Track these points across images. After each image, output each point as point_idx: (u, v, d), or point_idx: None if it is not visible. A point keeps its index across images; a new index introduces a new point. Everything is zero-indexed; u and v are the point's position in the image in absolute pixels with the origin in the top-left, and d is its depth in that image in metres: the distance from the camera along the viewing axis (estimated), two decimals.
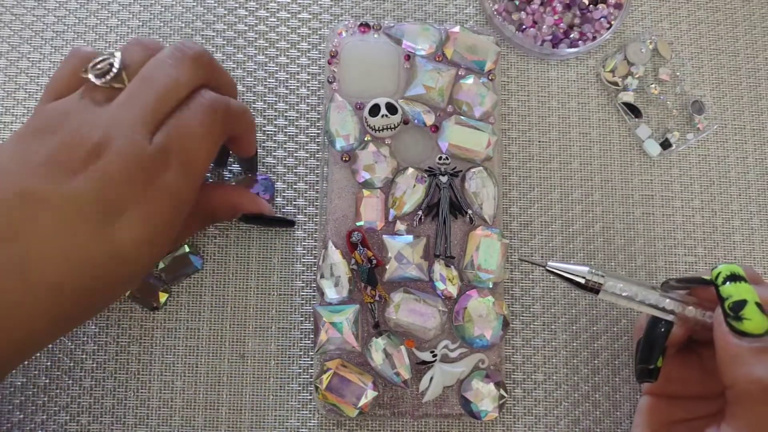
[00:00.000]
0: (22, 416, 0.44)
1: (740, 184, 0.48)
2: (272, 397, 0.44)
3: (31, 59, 0.48)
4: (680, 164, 0.48)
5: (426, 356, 0.43)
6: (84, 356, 0.45)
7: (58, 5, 0.48)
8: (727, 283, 0.35)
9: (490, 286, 0.44)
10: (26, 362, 0.44)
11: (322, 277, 0.43)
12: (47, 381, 0.44)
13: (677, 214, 0.48)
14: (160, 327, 0.45)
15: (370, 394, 0.42)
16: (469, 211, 0.44)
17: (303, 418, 0.44)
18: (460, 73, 0.46)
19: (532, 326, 0.46)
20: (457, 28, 0.46)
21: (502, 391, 0.43)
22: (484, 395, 0.43)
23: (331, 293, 0.43)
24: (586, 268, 0.38)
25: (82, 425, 0.44)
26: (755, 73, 0.49)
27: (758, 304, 0.34)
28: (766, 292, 0.36)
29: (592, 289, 0.38)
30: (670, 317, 0.38)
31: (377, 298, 0.43)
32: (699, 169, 0.48)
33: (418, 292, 0.44)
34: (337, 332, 0.42)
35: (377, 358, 0.42)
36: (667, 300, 0.38)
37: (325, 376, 0.42)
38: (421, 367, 0.43)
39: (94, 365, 0.45)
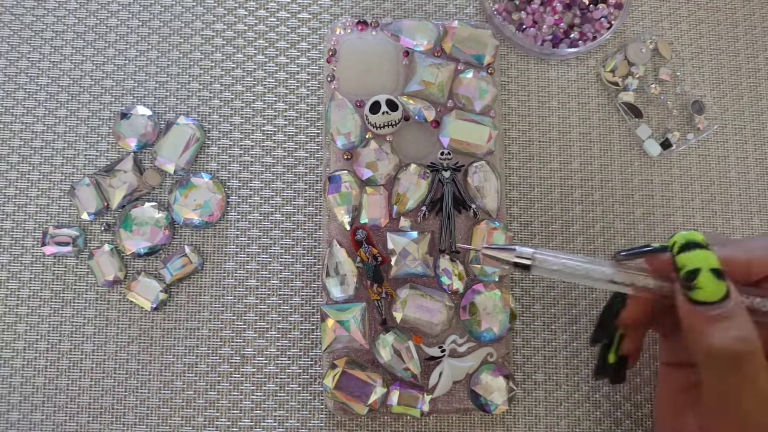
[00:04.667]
0: (19, 416, 0.44)
1: (740, 184, 0.48)
2: (272, 398, 0.44)
3: (31, 59, 0.48)
4: (680, 164, 0.48)
5: (434, 352, 0.43)
6: (82, 356, 0.44)
7: (58, 5, 0.48)
8: (682, 252, 0.35)
9: (496, 280, 0.44)
10: (23, 362, 0.44)
11: (327, 275, 0.43)
12: (45, 381, 0.44)
13: (677, 214, 0.47)
14: (159, 327, 0.45)
15: (379, 392, 0.42)
16: (473, 206, 0.44)
17: (303, 418, 0.44)
18: (459, 67, 0.46)
19: (532, 326, 0.46)
20: (455, 23, 0.46)
21: (512, 384, 0.43)
22: (494, 388, 0.42)
23: (337, 292, 0.43)
24: (515, 248, 0.37)
25: (80, 425, 0.44)
26: (755, 73, 0.49)
27: (714, 270, 0.34)
28: (731, 251, 0.36)
29: (524, 266, 0.37)
30: (624, 290, 0.37)
31: (384, 295, 0.43)
32: (699, 169, 0.48)
33: (425, 288, 0.43)
34: (344, 330, 0.42)
35: (385, 354, 0.42)
36: (614, 271, 0.37)
37: (334, 375, 0.42)
38: (429, 363, 0.43)
39: (93, 365, 0.44)
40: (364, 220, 0.44)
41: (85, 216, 0.45)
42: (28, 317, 0.45)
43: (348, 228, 0.44)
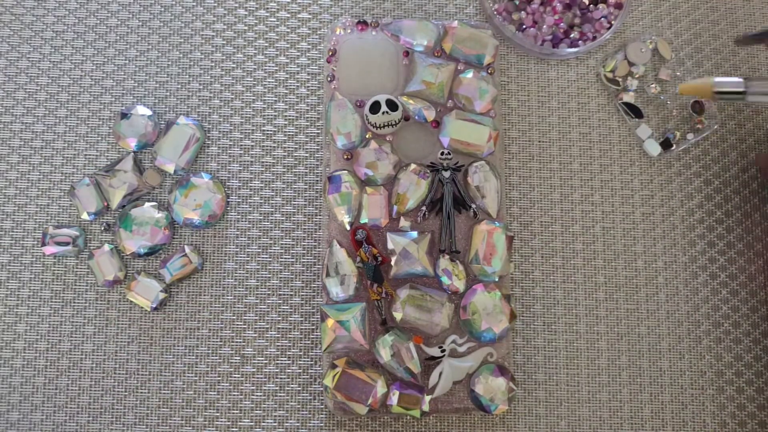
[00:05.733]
0: (19, 416, 0.44)
1: (739, 183, 0.48)
2: (272, 398, 0.44)
3: (31, 59, 0.48)
4: (680, 164, 0.48)
5: (434, 352, 0.43)
6: (82, 356, 0.44)
7: (58, 5, 0.48)
8: None
9: (496, 280, 0.44)
10: (23, 362, 0.44)
11: (327, 275, 0.43)
12: (45, 381, 0.44)
13: (677, 213, 0.47)
14: (159, 327, 0.45)
15: (379, 392, 0.42)
16: (473, 206, 0.44)
17: (303, 418, 0.44)
18: (459, 67, 0.46)
19: (532, 326, 0.46)
20: (455, 23, 0.46)
21: (512, 384, 0.43)
22: (494, 388, 0.43)
23: (337, 292, 0.43)
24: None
25: (80, 425, 0.44)
26: (754, 73, 0.49)
27: None
28: None
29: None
30: None
31: (384, 295, 0.43)
32: (698, 168, 0.48)
33: (425, 288, 0.43)
34: (344, 330, 0.42)
35: (385, 354, 0.42)
36: None
37: (334, 375, 0.42)
38: (429, 363, 0.43)
39: (93, 365, 0.44)
40: (364, 220, 0.44)
41: (85, 216, 0.45)
42: (28, 317, 0.45)
43: (348, 228, 0.44)
